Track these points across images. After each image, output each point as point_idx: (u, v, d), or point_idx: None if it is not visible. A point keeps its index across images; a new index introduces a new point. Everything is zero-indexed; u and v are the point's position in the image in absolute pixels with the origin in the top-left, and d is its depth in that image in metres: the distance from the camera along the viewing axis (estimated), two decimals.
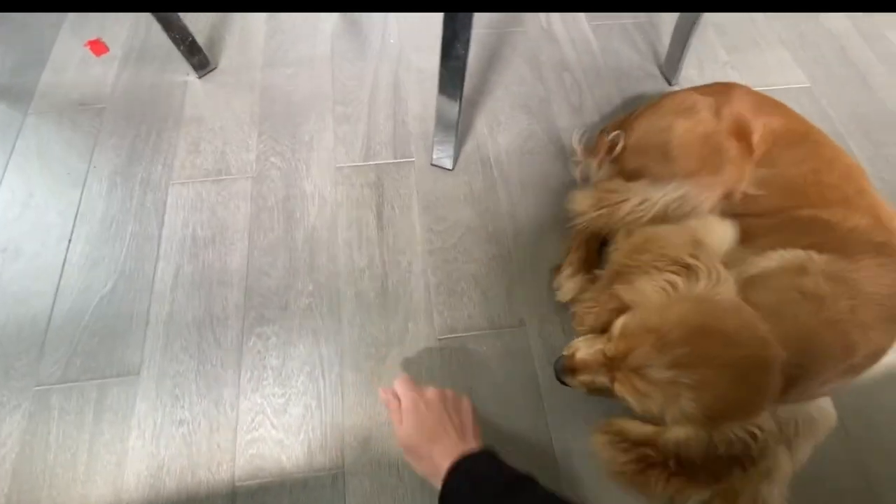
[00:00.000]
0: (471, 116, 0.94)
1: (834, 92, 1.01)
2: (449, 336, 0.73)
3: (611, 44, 1.06)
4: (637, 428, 0.51)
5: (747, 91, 0.71)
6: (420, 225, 0.82)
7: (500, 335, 0.73)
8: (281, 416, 0.67)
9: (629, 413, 0.50)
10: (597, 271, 0.68)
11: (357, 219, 0.82)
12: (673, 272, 0.48)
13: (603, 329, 0.54)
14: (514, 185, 0.87)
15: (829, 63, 1.06)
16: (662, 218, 0.62)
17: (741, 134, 0.65)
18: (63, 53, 1.01)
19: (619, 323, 0.49)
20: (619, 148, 0.73)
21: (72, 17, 1.06)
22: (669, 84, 1.00)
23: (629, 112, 0.81)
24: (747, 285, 0.49)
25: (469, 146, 0.91)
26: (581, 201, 0.71)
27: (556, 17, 1.10)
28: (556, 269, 0.74)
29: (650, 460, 0.48)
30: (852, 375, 0.52)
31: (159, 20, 0.87)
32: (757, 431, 0.45)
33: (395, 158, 0.89)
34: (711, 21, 1.11)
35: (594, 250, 0.73)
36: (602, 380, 0.51)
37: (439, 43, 0.65)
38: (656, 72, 1.02)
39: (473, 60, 1.02)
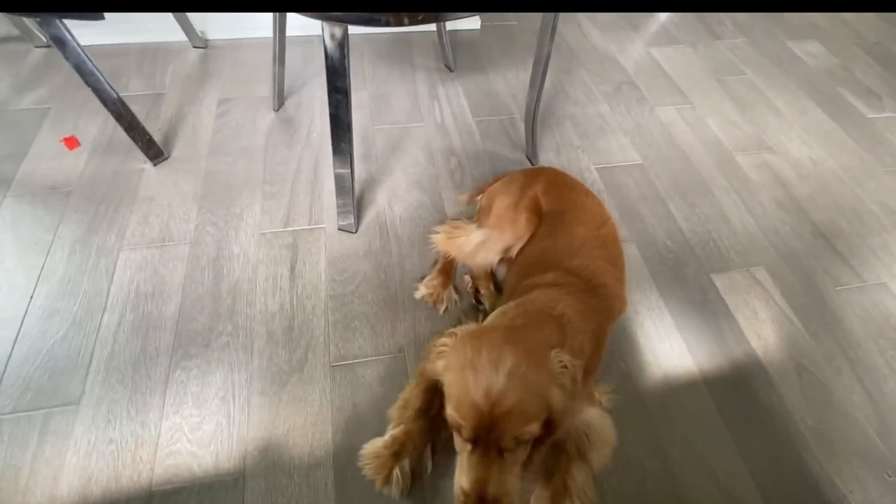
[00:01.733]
0: (375, 192, 1.19)
1: (661, 167, 1.31)
2: (341, 363, 0.91)
3: (489, 134, 1.36)
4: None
5: (553, 174, 0.98)
6: (325, 276, 1.03)
7: (382, 361, 0.92)
8: (196, 432, 0.82)
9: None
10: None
11: (274, 273, 1.02)
12: (441, 347, 0.65)
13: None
14: (404, 244, 1.09)
15: (659, 145, 1.37)
16: (477, 249, 0.92)
17: (535, 209, 0.91)
18: (41, 147, 1.23)
19: (448, 413, 0.59)
20: (479, 204, 1.05)
21: (51, 116, 1.30)
22: (532, 164, 1.28)
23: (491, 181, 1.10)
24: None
25: (370, 214, 1.14)
26: (439, 232, 1.01)
27: (448, 114, 1.40)
28: (422, 279, 1.01)
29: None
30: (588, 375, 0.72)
31: (121, 123, 1.11)
32: (565, 361, 0.60)
33: (310, 225, 1.11)
34: (568, 115, 1.43)
35: (450, 265, 1.01)
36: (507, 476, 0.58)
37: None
38: (522, 155, 1.30)
39: (380, 149, 1.29)
